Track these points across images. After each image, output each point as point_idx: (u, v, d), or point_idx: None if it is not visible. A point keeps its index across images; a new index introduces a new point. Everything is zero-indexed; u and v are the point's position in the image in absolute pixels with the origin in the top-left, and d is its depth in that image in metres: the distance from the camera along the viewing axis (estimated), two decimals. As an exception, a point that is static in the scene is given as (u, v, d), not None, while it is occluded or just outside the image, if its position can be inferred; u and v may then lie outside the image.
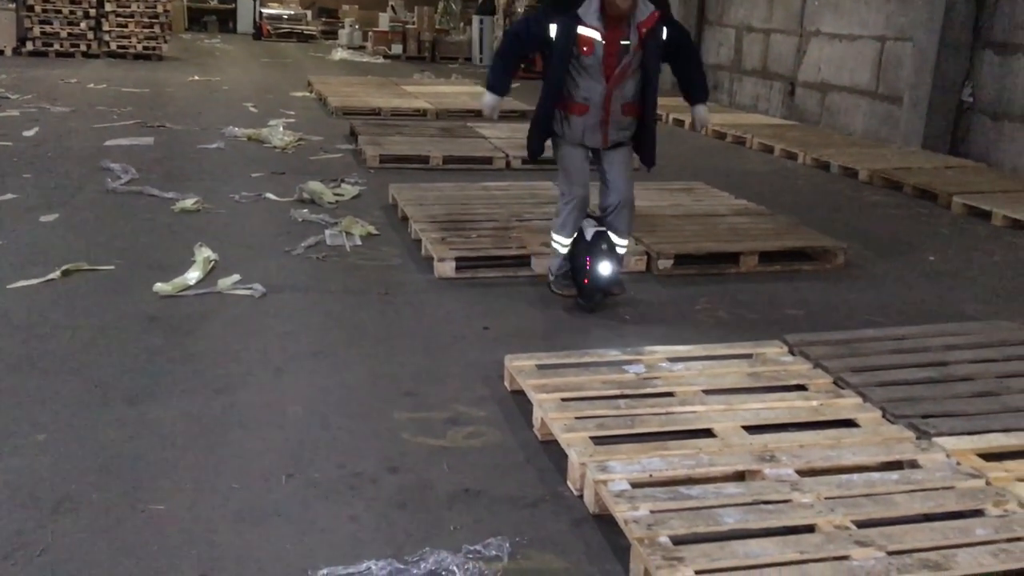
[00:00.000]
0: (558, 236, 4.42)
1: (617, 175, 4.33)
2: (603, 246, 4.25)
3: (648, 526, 2.49)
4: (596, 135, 4.23)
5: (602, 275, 4.26)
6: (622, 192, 4.32)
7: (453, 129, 9.19)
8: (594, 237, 4.27)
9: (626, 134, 4.30)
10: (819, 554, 2.40)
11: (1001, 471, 2.82)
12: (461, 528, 2.65)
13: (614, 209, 4.33)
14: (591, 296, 4.37)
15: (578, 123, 4.21)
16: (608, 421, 3.12)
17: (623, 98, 4.18)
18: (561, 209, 4.39)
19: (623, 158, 4.35)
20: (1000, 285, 5.13)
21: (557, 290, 4.43)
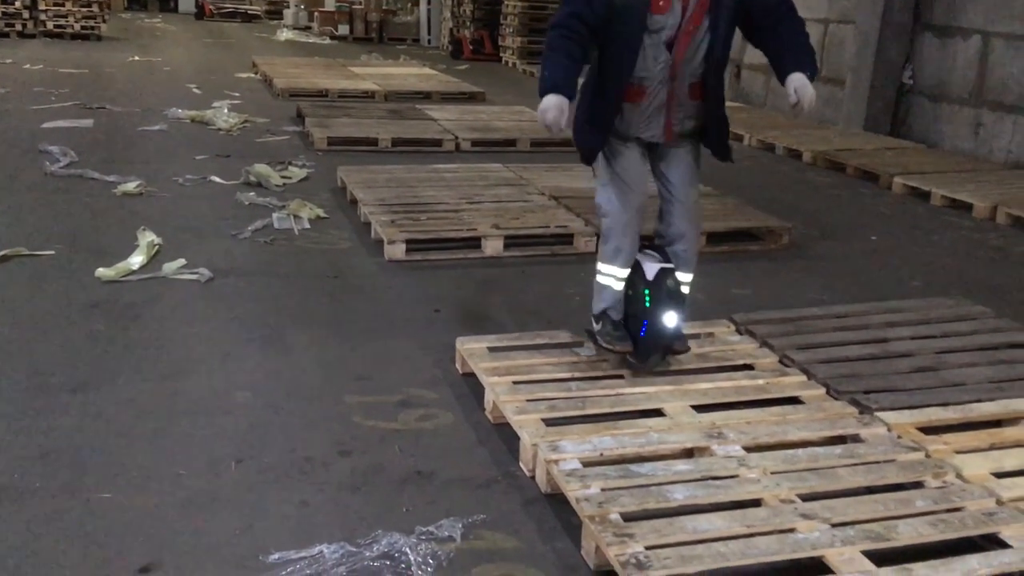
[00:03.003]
0: (608, 266, 3.31)
1: (682, 183, 3.27)
2: (670, 288, 3.23)
3: (599, 504, 2.52)
4: (656, 124, 3.18)
5: (668, 328, 3.24)
6: (690, 208, 3.28)
7: (402, 111, 9.12)
8: (659, 275, 3.22)
9: (692, 124, 3.23)
10: (765, 527, 2.45)
11: (940, 444, 2.90)
12: (414, 510, 2.65)
13: (679, 229, 3.28)
14: (649, 354, 3.33)
15: (633, 111, 3.16)
16: (559, 403, 3.14)
17: (691, 74, 3.12)
18: (610, 229, 3.26)
19: (689, 160, 3.29)
20: (939, 263, 5.26)
21: (607, 344, 3.31)
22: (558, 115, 2.95)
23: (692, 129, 3.25)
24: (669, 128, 3.20)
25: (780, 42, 3.13)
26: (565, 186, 6.14)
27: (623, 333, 3.32)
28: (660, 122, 3.18)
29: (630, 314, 3.34)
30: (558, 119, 2.95)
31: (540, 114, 2.98)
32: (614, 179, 3.26)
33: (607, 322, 3.35)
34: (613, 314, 3.34)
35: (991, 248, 5.58)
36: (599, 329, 3.36)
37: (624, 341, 3.29)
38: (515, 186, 6.15)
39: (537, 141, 8.03)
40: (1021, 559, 2.36)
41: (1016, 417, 3.11)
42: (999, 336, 3.79)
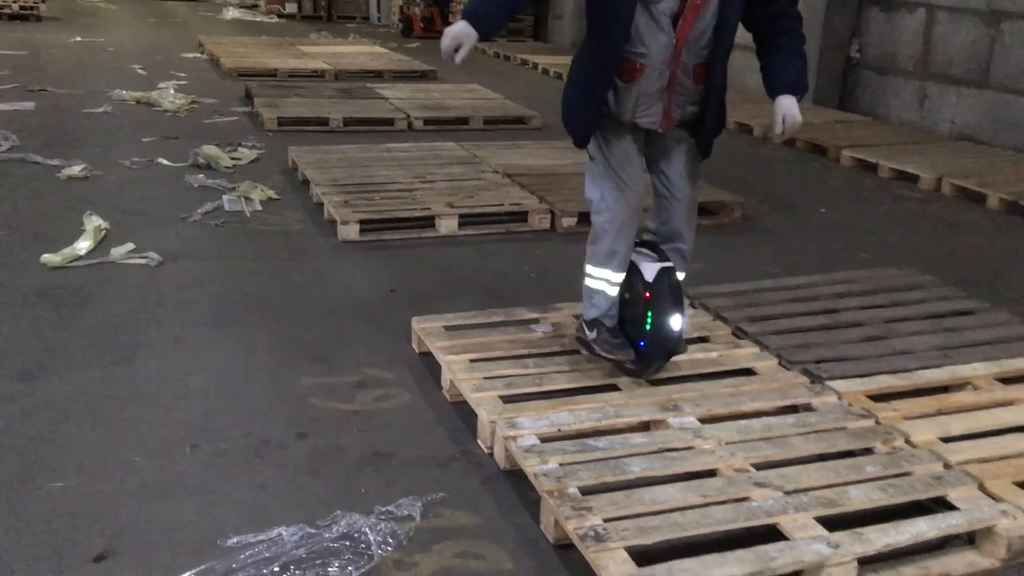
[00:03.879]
0: (601, 270, 3.05)
1: (681, 178, 3.02)
2: (673, 289, 3.01)
3: (557, 478, 2.54)
4: (655, 109, 2.88)
5: (673, 331, 2.99)
6: (686, 199, 3.05)
7: (352, 90, 9.01)
8: (659, 277, 2.99)
9: (693, 111, 2.95)
10: (720, 497, 2.49)
11: (889, 411, 2.97)
12: (373, 490, 2.65)
13: (676, 227, 3.08)
14: (651, 361, 3.09)
15: (628, 92, 2.86)
16: (516, 380, 3.15)
17: (695, 54, 2.82)
18: (602, 229, 3.00)
19: (689, 153, 3.03)
20: (887, 234, 5.36)
21: (606, 354, 3.05)
22: (451, 44, 2.73)
23: (692, 117, 2.96)
24: (669, 114, 2.90)
25: (775, 44, 2.90)
26: (519, 164, 6.13)
27: (622, 340, 3.07)
28: (659, 108, 2.88)
29: (628, 319, 3.10)
30: (449, 48, 2.74)
31: (443, 38, 2.77)
32: (608, 173, 2.97)
33: (602, 329, 3.08)
34: (607, 320, 3.10)
35: (937, 218, 5.70)
36: (595, 337, 3.08)
37: (625, 349, 3.05)
38: (468, 164, 6.13)
39: (490, 119, 8.00)
40: (968, 520, 2.43)
41: (962, 383, 3.19)
42: (945, 304, 3.89)
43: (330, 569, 2.28)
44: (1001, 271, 4.68)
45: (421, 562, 2.35)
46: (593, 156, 3.03)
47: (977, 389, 3.14)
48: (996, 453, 2.72)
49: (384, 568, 2.32)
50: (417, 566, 2.33)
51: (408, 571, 2.32)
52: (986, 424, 2.90)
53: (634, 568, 2.18)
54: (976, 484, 2.57)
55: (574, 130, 3.00)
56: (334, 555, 2.34)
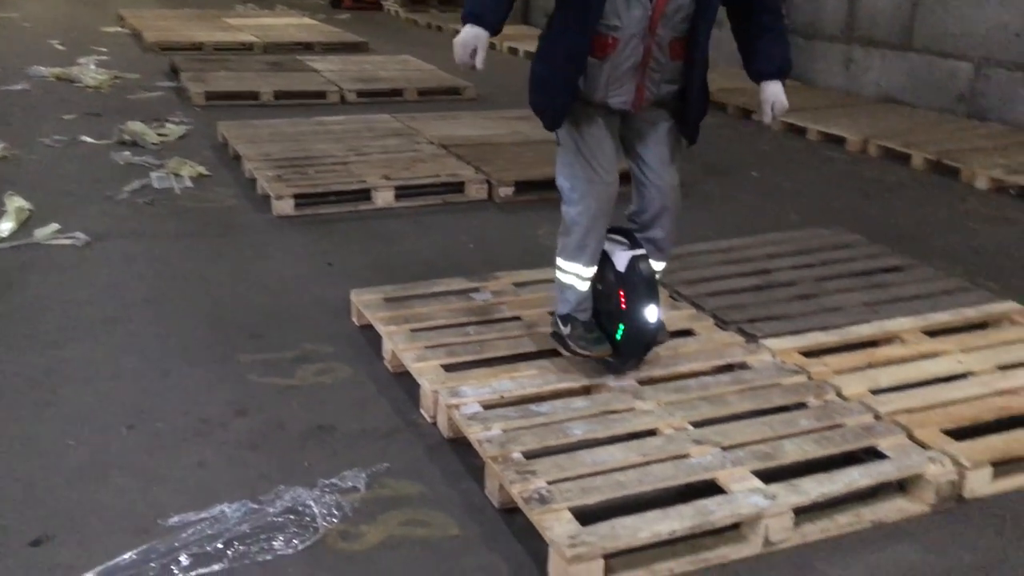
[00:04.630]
0: (571, 264, 2.88)
1: (660, 163, 2.82)
2: (646, 278, 2.83)
3: (501, 444, 2.56)
4: (626, 88, 2.68)
5: (648, 323, 2.83)
6: (666, 187, 2.84)
7: (282, 63, 8.83)
8: (631, 266, 2.83)
9: (670, 90, 2.74)
10: (660, 455, 2.54)
11: (821, 366, 3.05)
12: (316, 464, 2.64)
13: (655, 215, 2.88)
14: (630, 354, 2.94)
15: (600, 69, 2.65)
16: (458, 348, 3.15)
17: (672, 28, 2.63)
18: (573, 221, 2.82)
19: (668, 136, 2.83)
20: (816, 195, 5.48)
21: (582, 350, 2.87)
22: (465, 52, 2.56)
23: (669, 97, 2.76)
24: (641, 93, 2.69)
25: (760, 24, 2.75)
26: (454, 134, 6.09)
27: (598, 334, 2.89)
28: (631, 86, 2.67)
29: (603, 312, 2.93)
30: (465, 56, 2.56)
31: (454, 47, 2.58)
32: (578, 160, 2.77)
33: (576, 325, 2.90)
34: (581, 315, 2.93)
35: (864, 179, 5.84)
36: (569, 333, 2.90)
37: (601, 344, 2.87)
38: (404, 136, 6.07)
39: (424, 90, 7.92)
40: (897, 468, 2.52)
41: (890, 337, 3.29)
42: (873, 262, 4.00)
43: (275, 543, 2.26)
44: (925, 228, 4.83)
45: (367, 532, 2.35)
46: (562, 142, 2.81)
47: (904, 342, 3.25)
48: (923, 403, 2.82)
49: (330, 540, 2.31)
50: (363, 536, 2.34)
51: (354, 542, 2.32)
52: (913, 376, 3.00)
53: (578, 527, 2.22)
54: (905, 433, 2.66)
55: (545, 112, 2.76)
56: (278, 529, 2.33)
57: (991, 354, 3.13)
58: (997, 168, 5.52)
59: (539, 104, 2.79)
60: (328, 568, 2.22)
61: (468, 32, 2.57)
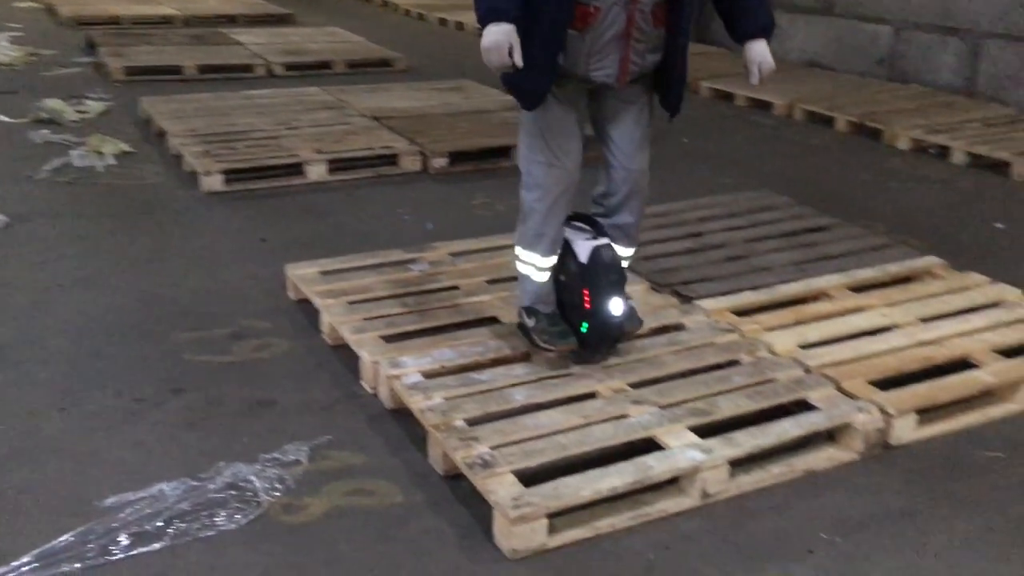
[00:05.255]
0: (527, 253, 2.75)
1: (630, 144, 2.71)
2: (609, 267, 2.71)
3: (443, 412, 2.57)
4: (610, 60, 2.52)
5: (612, 316, 2.72)
6: (636, 170, 2.73)
7: (205, 36, 8.60)
8: (594, 257, 2.69)
9: (653, 60, 2.60)
10: (600, 416, 2.57)
11: (752, 324, 3.13)
12: (256, 439, 2.61)
13: (623, 199, 2.76)
14: (597, 346, 2.81)
15: (580, 41, 2.49)
16: (397, 319, 3.15)
17: None
18: (530, 207, 2.69)
19: (639, 115, 2.71)
20: (745, 159, 5.57)
21: (544, 344, 2.74)
22: (500, 57, 2.35)
23: (651, 68, 2.61)
24: (626, 65, 2.52)
25: None
26: (386, 106, 6.03)
27: (563, 327, 2.76)
28: (615, 58, 2.51)
29: (567, 304, 2.80)
30: (503, 58, 2.35)
31: (483, 55, 2.38)
32: (538, 143, 2.61)
33: (540, 317, 2.77)
34: (543, 307, 2.80)
35: (790, 142, 5.96)
36: (533, 326, 2.78)
37: (566, 338, 2.74)
38: (334, 109, 5.98)
39: (354, 63, 7.80)
40: (827, 419, 2.60)
41: (818, 294, 3.39)
42: (800, 222, 4.10)
43: (216, 519, 2.24)
44: (850, 189, 4.96)
45: (311, 504, 2.35)
46: (524, 123, 2.66)
47: (831, 299, 3.34)
48: (850, 356, 2.91)
49: (273, 513, 2.30)
50: (307, 508, 2.33)
51: (298, 514, 2.31)
52: (840, 330, 3.10)
53: (521, 489, 2.25)
54: (833, 385, 2.75)
55: (524, 90, 2.55)
56: (220, 505, 2.31)
57: (914, 307, 3.24)
58: (917, 129, 5.68)
59: (518, 83, 2.54)
60: (273, 541, 2.21)
61: (494, 32, 2.36)
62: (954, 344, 2.99)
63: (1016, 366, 2.87)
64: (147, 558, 2.13)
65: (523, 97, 2.58)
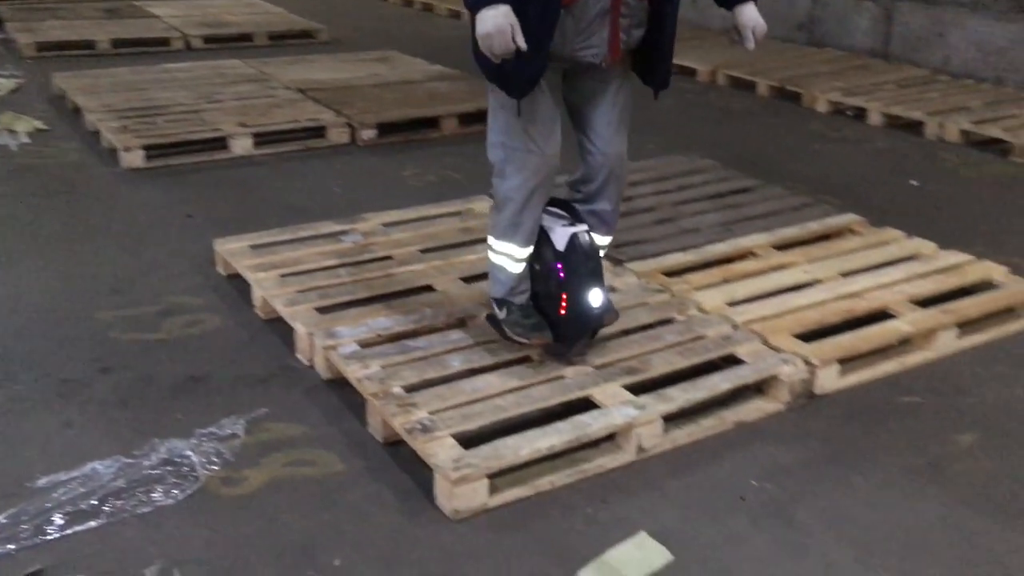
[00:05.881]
0: (502, 243, 2.60)
1: (609, 128, 2.60)
2: (588, 256, 2.58)
3: (380, 380, 2.57)
4: (597, 38, 2.38)
5: (592, 307, 2.57)
6: (614, 155, 2.62)
7: (119, 9, 8.32)
8: (571, 245, 2.55)
9: (637, 37, 2.47)
10: (537, 379, 2.61)
11: (683, 284, 3.20)
12: (190, 415, 2.58)
13: (601, 185, 2.64)
14: (574, 338, 2.66)
15: (565, 19, 2.33)
16: (331, 290, 3.13)
17: None
18: (506, 196, 2.54)
19: (619, 97, 2.60)
20: (671, 124, 5.64)
21: (517, 336, 2.61)
22: (503, 42, 2.18)
23: (635, 43, 2.47)
24: (616, 41, 2.38)
25: None
26: (311, 78, 5.94)
27: (537, 319, 2.62)
28: (603, 35, 2.36)
29: (541, 294, 2.66)
30: (508, 44, 2.18)
31: (482, 42, 2.20)
32: (515, 128, 2.45)
33: (512, 309, 2.64)
34: (517, 297, 2.66)
35: (714, 107, 6.06)
36: (504, 317, 2.65)
37: (540, 330, 2.60)
38: (257, 82, 5.87)
39: (275, 34, 7.64)
40: (755, 372, 2.69)
41: (743, 253, 3.47)
42: (725, 184, 4.19)
43: (153, 495, 2.22)
44: (772, 151, 5.07)
45: (250, 476, 2.34)
46: (498, 107, 2.48)
47: (757, 257, 3.43)
48: (776, 311, 3.00)
49: (212, 486, 2.29)
50: (246, 480, 2.32)
51: (237, 486, 2.30)
52: (766, 287, 3.19)
53: (461, 451, 2.27)
54: (760, 340, 2.83)
55: (511, 79, 2.35)
56: (156, 481, 2.28)
57: (834, 263, 3.36)
58: (835, 92, 5.83)
59: (504, 70, 2.32)
60: (213, 514, 2.20)
61: (493, 17, 2.18)
62: (873, 296, 3.10)
63: (931, 316, 3.00)
64: (83, 536, 2.10)
65: (513, 85, 2.36)
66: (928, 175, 4.68)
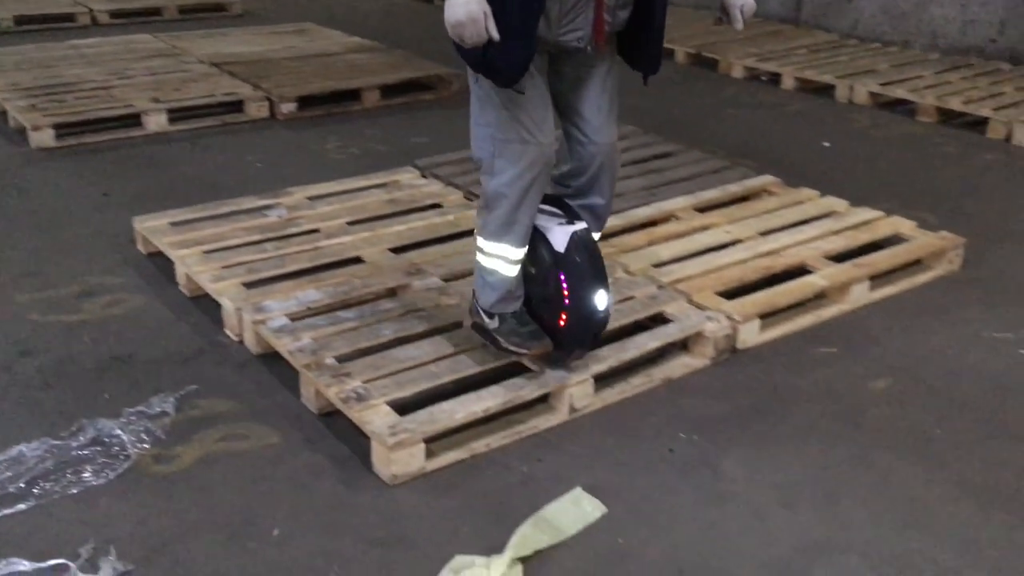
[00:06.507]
0: (495, 244, 2.39)
1: (596, 110, 2.42)
2: (591, 259, 2.41)
3: (313, 352, 2.57)
4: (582, 19, 2.22)
5: (597, 310, 2.40)
6: (605, 144, 2.45)
7: (19, -16, 7.97)
8: (573, 245, 2.38)
9: (623, 18, 2.31)
10: (470, 344, 2.63)
11: (609, 248, 3.23)
12: (118, 395, 2.54)
13: (593, 178, 2.48)
14: (575, 347, 2.48)
15: (551, 5, 2.18)
16: (257, 265, 3.09)
17: None
18: (498, 193, 2.33)
19: (605, 75, 2.42)
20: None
21: (515, 347, 2.43)
22: (475, 30, 2.03)
23: (620, 25, 2.32)
24: (600, 25, 2.23)
25: None
26: (225, 52, 5.81)
27: (534, 328, 2.45)
28: (587, 17, 2.21)
29: (537, 298, 2.47)
30: (480, 32, 2.03)
31: (452, 30, 2.05)
32: (507, 118, 2.27)
33: (507, 317, 2.45)
34: (511, 304, 2.46)
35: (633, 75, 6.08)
36: (497, 327, 2.45)
37: (539, 340, 2.43)
38: (170, 56, 5.71)
39: (186, 8, 7.43)
40: (681, 329, 2.76)
41: (667, 216, 3.55)
42: (647, 150, 4.26)
43: (84, 475, 2.19)
44: (691, 116, 5.17)
45: (183, 453, 2.32)
46: (483, 97, 2.30)
47: (679, 219, 3.51)
48: (699, 270, 3.09)
49: (144, 464, 2.26)
50: (179, 457, 2.30)
51: (170, 464, 2.28)
52: (689, 248, 3.27)
53: (397, 418, 2.29)
54: (685, 298, 2.91)
55: (502, 66, 2.16)
56: (86, 462, 2.24)
57: (753, 223, 3.46)
58: (750, 58, 5.96)
59: (494, 59, 2.14)
60: (146, 491, 2.18)
61: (463, 2, 2.01)
62: (790, 253, 3.22)
63: (845, 270, 3.12)
64: (13, 519, 2.06)
65: (500, 74, 2.18)
66: (839, 136, 4.84)
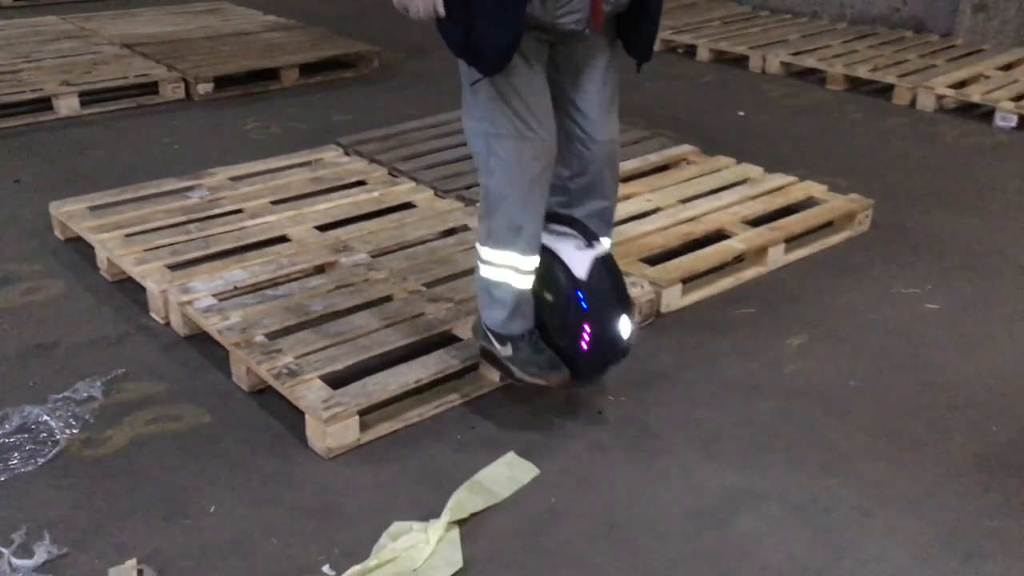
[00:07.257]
0: (501, 253, 2.20)
1: (596, 103, 2.24)
2: (616, 286, 2.27)
3: (242, 330, 2.56)
4: (580, 1, 2.03)
5: (620, 337, 2.25)
6: (607, 141, 2.27)
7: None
8: (597, 270, 2.22)
9: (622, 1, 2.12)
10: (399, 317, 2.67)
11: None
12: (42, 382, 2.50)
13: (594, 178, 2.30)
14: (591, 374, 2.35)
15: None
16: (181, 247, 3.06)
17: None
18: (499, 195, 2.16)
19: (605, 65, 2.23)
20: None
21: (532, 378, 2.25)
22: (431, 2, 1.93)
23: (623, 6, 2.13)
24: (599, 8, 2.05)
25: None
26: (136, 33, 5.66)
27: (549, 355, 2.25)
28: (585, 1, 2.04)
29: (552, 326, 2.28)
30: (429, 6, 1.93)
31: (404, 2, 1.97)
32: (504, 111, 2.08)
33: (520, 345, 2.26)
34: (519, 323, 2.25)
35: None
36: (511, 356, 2.26)
37: (557, 369, 2.23)
38: (79, 38, 5.54)
39: (93, -13, 7.19)
40: (605, 296, 2.84)
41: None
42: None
43: (11, 463, 2.15)
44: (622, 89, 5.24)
45: (113, 436, 2.30)
46: (477, 90, 2.11)
47: (602, 190, 3.58)
48: (623, 238, 3.15)
49: (73, 449, 2.24)
50: (110, 440, 2.28)
51: (100, 447, 2.26)
52: (612, 217, 3.35)
53: (330, 391, 2.31)
54: (609, 265, 2.99)
55: (485, 51, 1.99)
56: (13, 449, 2.21)
57: (673, 191, 3.55)
58: (666, 31, 6.06)
59: (476, 43, 1.99)
60: (77, 475, 2.16)
61: None
62: (710, 219, 3.32)
63: (761, 233, 3.24)
64: (-61, 511, 2.03)
65: (484, 60, 2.01)
66: (754, 105, 4.98)
